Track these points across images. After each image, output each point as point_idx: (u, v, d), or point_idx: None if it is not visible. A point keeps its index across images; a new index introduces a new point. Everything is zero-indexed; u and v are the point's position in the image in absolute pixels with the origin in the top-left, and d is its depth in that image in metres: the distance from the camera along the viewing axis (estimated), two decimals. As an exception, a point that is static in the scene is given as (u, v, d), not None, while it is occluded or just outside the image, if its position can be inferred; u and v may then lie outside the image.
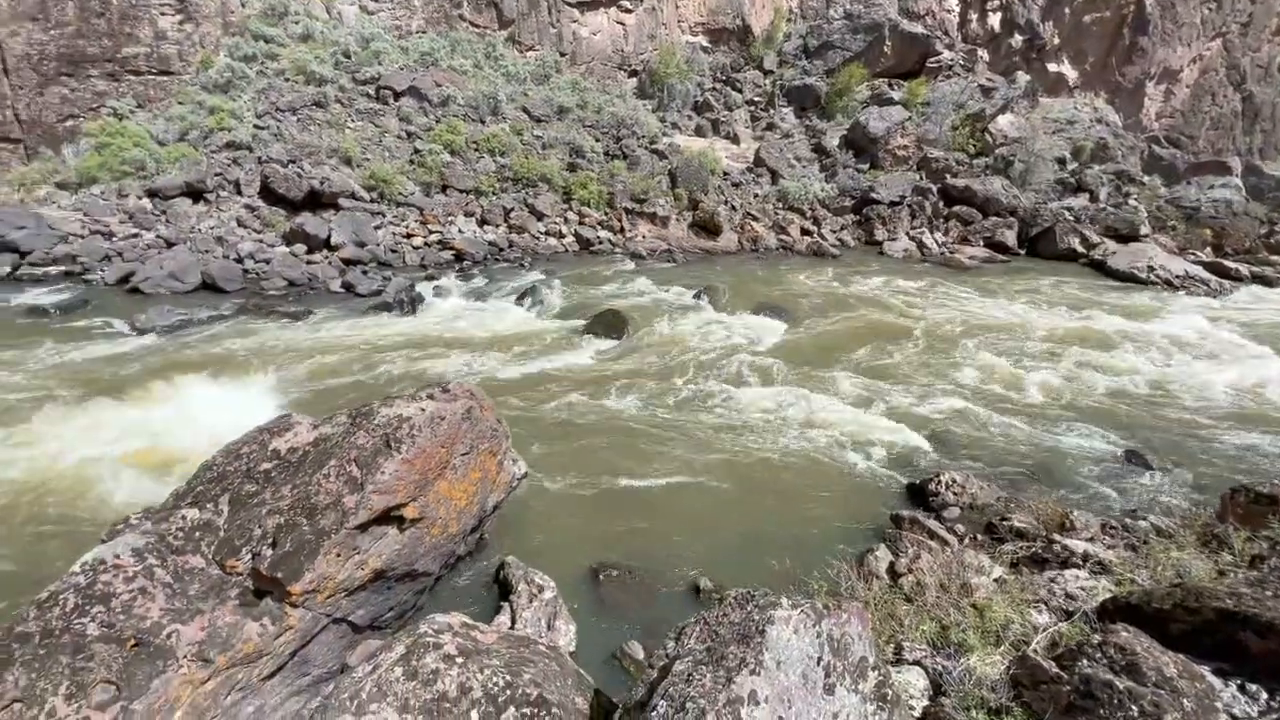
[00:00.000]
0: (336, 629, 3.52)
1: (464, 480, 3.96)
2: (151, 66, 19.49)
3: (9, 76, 18.54)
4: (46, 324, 9.59)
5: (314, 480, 3.33)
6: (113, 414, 6.77)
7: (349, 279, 12.05)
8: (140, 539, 3.00)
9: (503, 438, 4.49)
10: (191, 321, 9.71)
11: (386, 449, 3.41)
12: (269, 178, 14.52)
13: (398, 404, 3.78)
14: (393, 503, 3.39)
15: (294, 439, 3.67)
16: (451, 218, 15.76)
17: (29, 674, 2.44)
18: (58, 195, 14.93)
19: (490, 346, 9.41)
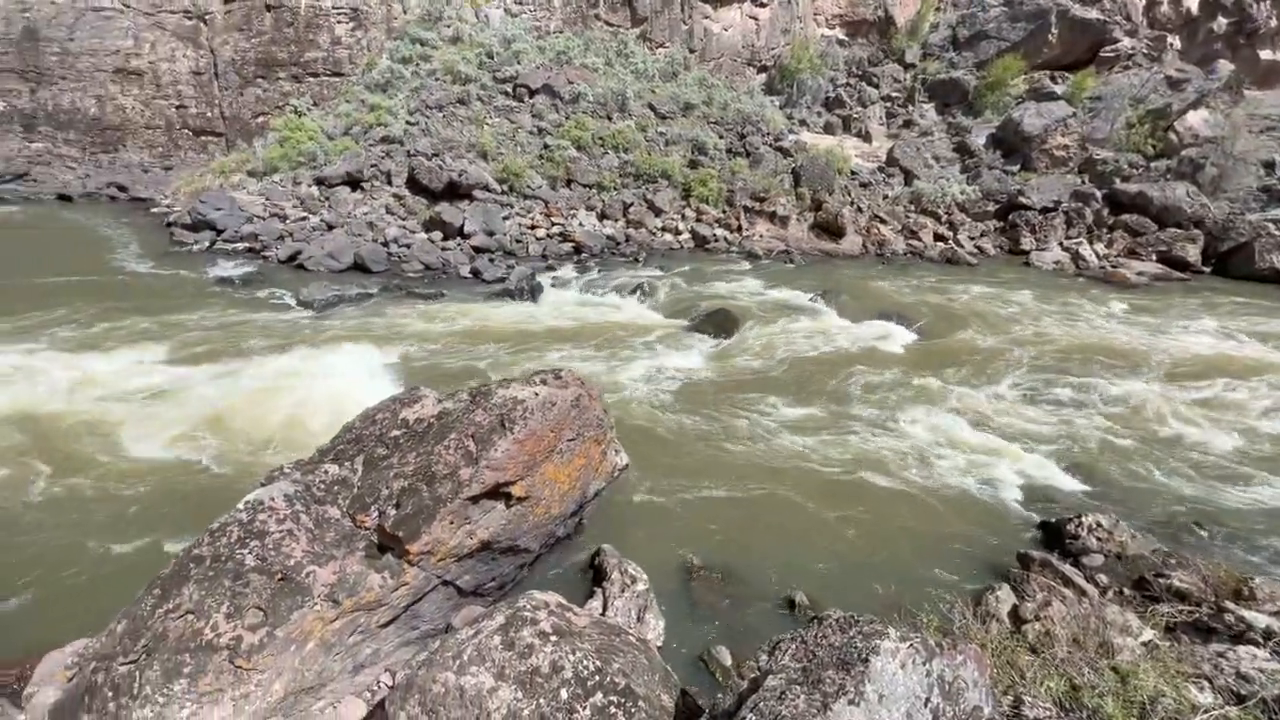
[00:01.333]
0: (444, 590, 3.79)
1: (568, 465, 4.10)
2: (327, 69, 22.00)
3: (218, 79, 21.76)
4: (231, 293, 11.16)
5: (435, 451, 3.60)
6: (274, 370, 7.75)
7: (477, 265, 12.90)
8: (290, 486, 3.40)
9: (607, 428, 4.59)
10: (343, 298, 10.86)
11: (501, 428, 3.61)
12: (415, 170, 15.87)
13: (513, 387, 3.98)
14: (503, 479, 3.59)
15: (421, 410, 3.99)
16: (573, 211, 16.35)
17: (200, 591, 2.86)
18: (247, 182, 17.31)
19: (601, 337, 9.65)
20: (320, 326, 9.61)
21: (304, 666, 2.99)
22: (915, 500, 5.87)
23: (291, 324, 9.69)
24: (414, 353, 8.72)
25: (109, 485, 5.64)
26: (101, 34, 20.83)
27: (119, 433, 6.37)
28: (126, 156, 20.81)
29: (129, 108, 21.01)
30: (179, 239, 14.37)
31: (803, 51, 24.07)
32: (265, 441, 6.37)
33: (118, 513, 5.29)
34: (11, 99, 20.22)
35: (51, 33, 20.55)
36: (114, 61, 20.81)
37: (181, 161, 20.75)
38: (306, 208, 15.67)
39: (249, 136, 20.69)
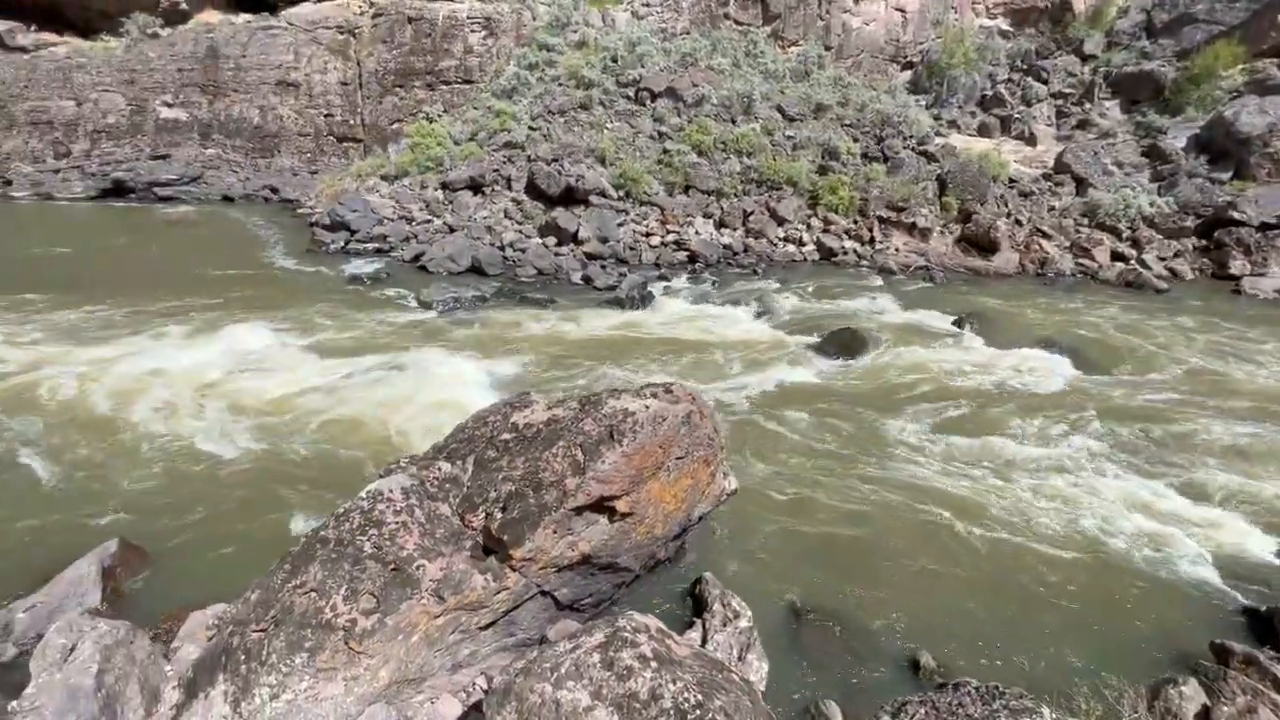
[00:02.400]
0: (542, 601, 3.94)
1: (675, 484, 4.13)
2: (458, 77, 23.95)
3: (361, 89, 24.40)
4: (361, 291, 12.41)
5: (543, 457, 3.77)
6: (394, 368, 8.51)
7: (589, 272, 13.40)
8: (407, 480, 3.72)
9: (718, 448, 4.58)
10: (460, 300, 11.71)
11: (609, 440, 3.72)
12: (534, 175, 16.82)
13: (624, 398, 4.09)
14: (608, 492, 3.69)
15: (530, 416, 4.21)
16: (690, 218, 16.53)
17: (323, 571, 3.20)
18: (380, 185, 19.21)
19: (713, 351, 9.65)
20: (438, 327, 10.43)
21: (408, 658, 3.24)
22: (1072, 563, 5.29)
23: (412, 323, 10.59)
24: (523, 357, 9.20)
25: (251, 463, 6.45)
26: (268, 50, 24.14)
27: (260, 415, 7.28)
28: (280, 161, 23.86)
29: (285, 116, 24.11)
30: (318, 238, 16.21)
31: (956, 44, 22.78)
32: (384, 434, 7.00)
33: (256, 488, 6.05)
34: (194, 110, 23.93)
35: (229, 50, 24.12)
36: (276, 75, 24.01)
37: (325, 166, 23.44)
38: (431, 210, 17.10)
39: (384, 142, 22.97)
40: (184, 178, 22.06)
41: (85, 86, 23.62)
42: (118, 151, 23.03)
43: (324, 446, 6.75)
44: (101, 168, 22.26)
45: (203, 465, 6.42)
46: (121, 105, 23.62)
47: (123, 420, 7.13)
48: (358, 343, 9.59)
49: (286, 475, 6.29)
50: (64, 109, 23.36)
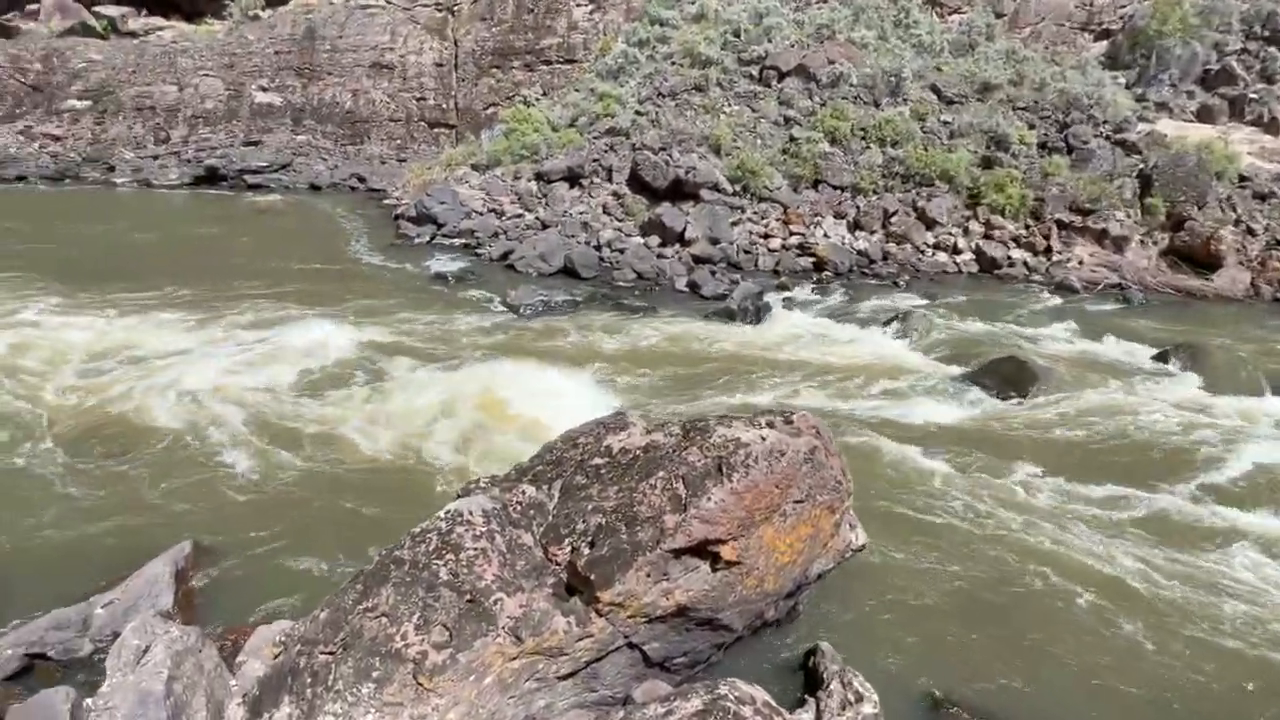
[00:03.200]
0: (629, 654, 3.96)
1: (791, 532, 4.04)
2: (560, 56, 25.00)
3: (457, 70, 26.03)
4: (443, 290, 13.15)
5: (639, 489, 3.81)
6: (475, 377, 8.93)
7: (695, 278, 13.48)
8: (488, 502, 3.88)
9: (845, 494, 4.44)
10: (550, 304, 12.13)
11: (717, 474, 3.71)
12: (639, 165, 17.19)
13: (736, 426, 4.06)
14: (712, 535, 3.67)
15: (627, 439, 4.27)
16: (818, 218, 16.26)
17: (396, 595, 3.40)
18: (470, 175, 20.33)
19: (839, 377, 9.40)
20: (524, 333, 10.84)
21: (479, 702, 3.35)
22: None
23: (497, 328, 11.08)
24: (618, 371, 9.37)
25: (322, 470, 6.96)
26: (365, 30, 26.34)
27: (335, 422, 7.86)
28: (369, 149, 25.87)
29: (377, 101, 26.15)
30: (403, 231, 17.38)
31: (1170, 7, 21.06)
32: (461, 449, 7.34)
33: (327, 497, 6.51)
34: (288, 94, 26.48)
35: (326, 31, 26.55)
36: (371, 56, 26.13)
37: (414, 154, 25.15)
38: (523, 204, 17.87)
39: (477, 128, 24.32)
40: (273, 165, 24.40)
41: (187, 71, 26.75)
42: (213, 137, 25.87)
43: (399, 457, 7.17)
44: (197, 154, 25.08)
45: (274, 468, 6.99)
46: (220, 90, 26.54)
47: (199, 417, 7.92)
48: (438, 347, 10.13)
49: (359, 485, 6.73)
50: (166, 94, 26.57)
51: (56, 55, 27.12)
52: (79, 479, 6.81)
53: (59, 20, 28.56)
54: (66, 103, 26.42)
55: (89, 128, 26.19)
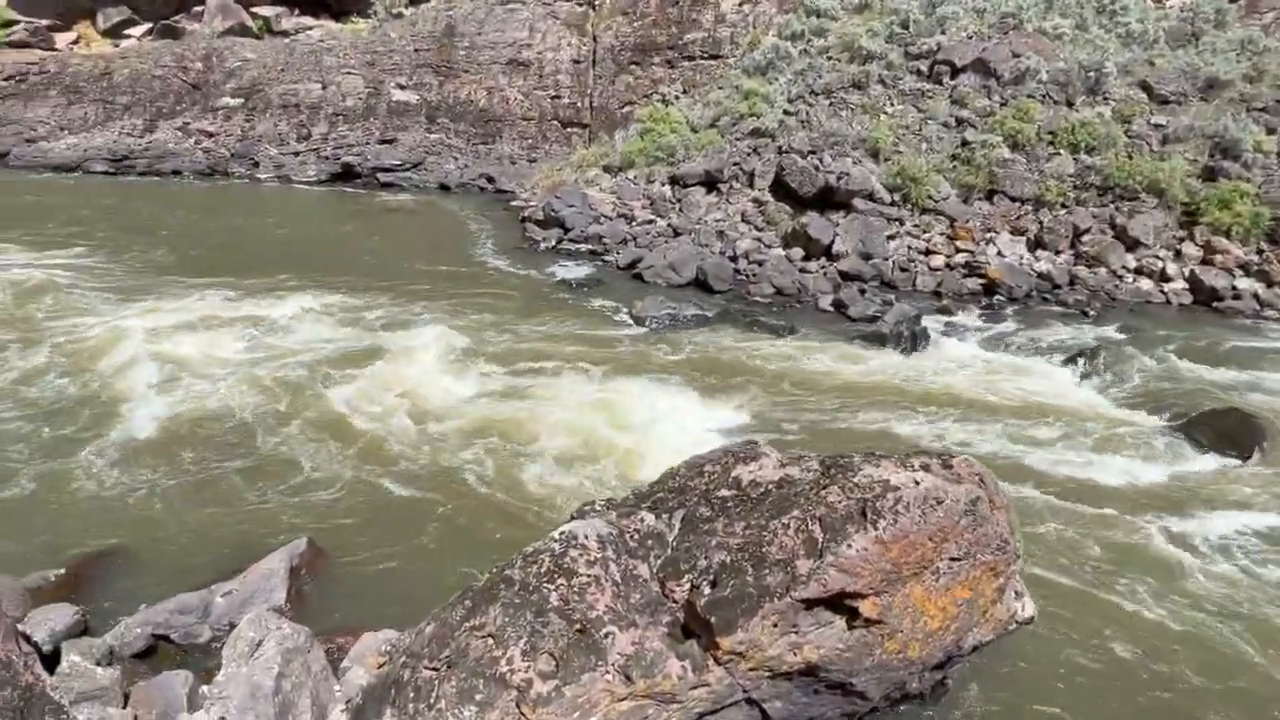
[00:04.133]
0: (747, 711, 3.90)
1: (945, 594, 3.84)
2: (704, 51, 25.35)
3: (594, 67, 27.01)
4: (567, 298, 13.62)
5: (770, 527, 3.76)
6: (594, 392, 9.17)
7: (842, 296, 13.18)
8: (605, 527, 3.96)
9: (1012, 556, 4.17)
10: (678, 318, 12.26)
11: (860, 519, 3.59)
12: (784, 169, 17.07)
13: (884, 466, 3.93)
14: (851, 587, 3.55)
15: (758, 471, 4.23)
16: (991, 234, 15.48)
17: (504, 616, 3.54)
18: (601, 178, 20.96)
19: (1009, 419, 8.88)
20: (649, 349, 11.02)
21: (582, 742, 3.41)
22: None
23: (620, 341, 11.33)
24: (750, 396, 9.33)
25: (436, 478, 7.39)
26: (504, 26, 27.94)
27: (451, 430, 8.32)
28: (500, 148, 27.31)
29: (511, 99, 27.60)
30: (530, 235, 18.17)
31: None
32: (576, 466, 7.55)
33: (440, 506, 6.90)
34: (424, 92, 28.51)
35: (465, 28, 28.39)
36: (508, 53, 27.65)
37: (545, 154, 26.29)
38: (655, 209, 18.21)
39: (612, 128, 25.08)
40: (406, 164, 26.29)
41: (331, 69, 29.43)
42: (350, 135, 28.26)
43: (512, 471, 7.49)
44: (335, 151, 27.48)
45: (389, 473, 7.49)
46: (360, 87, 28.99)
47: (320, 415, 8.62)
48: (557, 358, 10.49)
49: (469, 496, 7.09)
50: (311, 92, 29.34)
51: (215, 55, 30.71)
52: (210, 466, 7.60)
53: (220, 21, 32.35)
54: (221, 100, 29.82)
55: (239, 124, 29.40)
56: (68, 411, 8.59)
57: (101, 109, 30.14)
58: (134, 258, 15.23)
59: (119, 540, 6.43)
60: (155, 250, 16.05)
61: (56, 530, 6.53)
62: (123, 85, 30.52)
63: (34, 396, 8.92)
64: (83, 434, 8.13)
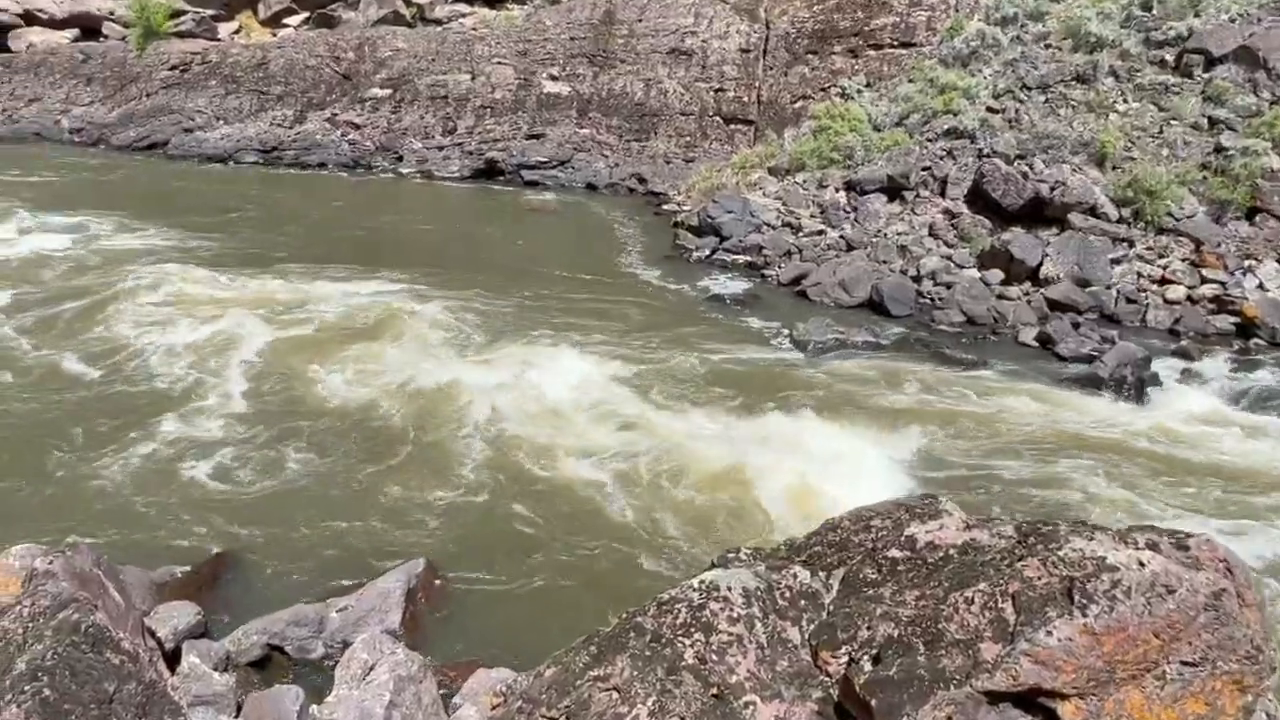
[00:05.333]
0: (908, 818, 3.70)
1: (1171, 706, 3.49)
2: (894, 39, 24.84)
3: (765, 57, 27.07)
4: (719, 316, 13.67)
5: (950, 600, 3.57)
6: (740, 422, 9.13)
7: (1050, 330, 12.45)
8: (752, 580, 3.90)
9: (1265, 668, 3.73)
10: (846, 344, 12.00)
11: (1065, 601, 3.34)
12: (984, 176, 16.38)
13: (1099, 539, 3.64)
14: (1048, 683, 3.30)
15: (938, 532, 4.03)
16: (1249, 261, 14.18)
17: (632, 669, 3.55)
18: (766, 181, 20.94)
19: (1268, 496, 8.07)
20: (809, 377, 10.86)
21: (711, 825, 3.35)
22: None
23: (777, 367, 11.24)
24: (928, 440, 9.01)
25: (565, 508, 7.60)
26: (667, 13, 28.59)
27: (582, 456, 8.53)
28: (654, 146, 27.88)
29: (670, 91, 28.14)
30: (681, 242, 18.40)
31: None
32: (718, 507, 7.54)
33: (568, 538, 7.08)
34: (576, 84, 29.63)
35: (625, 15, 29.29)
36: (670, 42, 28.24)
37: (704, 153, 26.57)
38: (826, 218, 17.96)
39: (781, 126, 25.02)
40: (552, 160, 27.38)
41: (482, 59, 31.22)
42: (497, 129, 29.81)
43: (648, 505, 7.58)
44: (480, 145, 29.07)
45: (515, 498, 7.78)
46: (510, 78, 30.57)
47: (448, 428, 9.09)
48: (706, 382, 10.55)
49: (599, 530, 7.24)
50: (460, 83, 31.25)
51: (367, 44, 33.36)
52: (333, 476, 8.19)
53: (376, 9, 35.16)
54: (370, 91, 32.32)
55: (385, 116, 31.73)
56: (202, 407, 9.54)
57: (256, 99, 33.44)
58: (271, 250, 16.73)
59: (241, 542, 7.05)
60: (294, 243, 17.59)
61: (182, 527, 7.25)
62: (277, 75, 33.74)
63: (168, 389, 9.97)
64: (217, 431, 9.01)
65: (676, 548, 6.98)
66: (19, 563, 5.41)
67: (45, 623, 4.10)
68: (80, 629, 3.98)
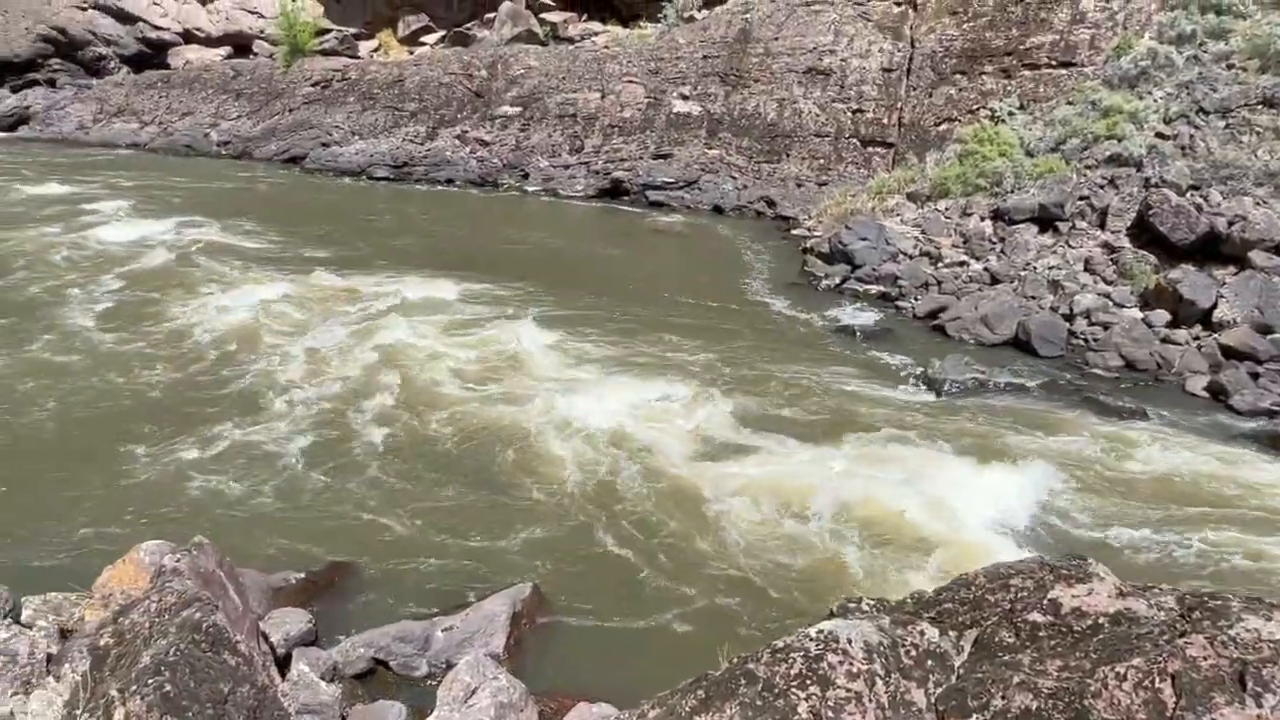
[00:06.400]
0: None
1: (1361, 819, 3.16)
2: (1052, 58, 23.97)
3: (908, 77, 26.60)
4: (846, 350, 13.41)
5: (1098, 674, 3.35)
6: (865, 465, 8.90)
7: (1223, 380, 11.64)
8: (874, 634, 3.78)
9: None
10: (986, 386, 11.54)
11: (1236, 687, 3.08)
12: (1151, 208, 15.53)
13: (1278, 619, 3.35)
14: (1212, 781, 3.05)
15: (1087, 598, 3.80)
16: None
17: (742, 717, 3.49)
18: (904, 207, 20.50)
19: None
20: (945, 419, 10.49)
21: None
22: None
23: (908, 406, 10.91)
24: (1077, 495, 8.58)
25: (675, 543, 7.59)
26: (805, 30, 28.54)
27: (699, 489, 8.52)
28: (785, 168, 27.76)
29: (804, 112, 28.00)
30: (809, 269, 18.21)
31: None
32: (836, 551, 7.37)
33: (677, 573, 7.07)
34: (707, 103, 29.89)
35: (761, 33, 29.40)
36: (807, 60, 28.15)
37: (838, 176, 26.27)
38: (969, 249, 17.42)
39: (923, 149, 24.48)
40: (679, 181, 27.67)
41: (612, 78, 31.94)
42: (624, 148, 30.38)
43: (765, 544, 7.51)
44: (605, 165, 29.69)
45: (628, 526, 7.83)
46: (640, 97, 31.14)
47: (563, 452, 9.26)
48: (829, 417, 10.36)
49: (714, 567, 7.22)
50: (589, 102, 32.06)
51: (500, 62, 34.72)
52: (445, 492, 8.47)
53: (510, 27, 36.61)
54: (500, 109, 33.59)
55: (514, 134, 32.88)
56: (321, 413, 10.06)
57: (390, 115, 35.27)
58: (399, 261, 17.53)
59: (352, 552, 7.36)
60: (426, 255, 18.36)
61: (296, 532, 7.64)
62: (412, 92, 35.51)
63: (292, 393, 10.56)
64: (333, 438, 9.48)
65: (792, 591, 6.87)
66: (149, 558, 5.82)
67: (170, 619, 4.37)
68: (201, 628, 4.23)
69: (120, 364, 11.31)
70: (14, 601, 5.19)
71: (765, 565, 7.28)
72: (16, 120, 41.03)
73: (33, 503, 7.85)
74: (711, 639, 6.14)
